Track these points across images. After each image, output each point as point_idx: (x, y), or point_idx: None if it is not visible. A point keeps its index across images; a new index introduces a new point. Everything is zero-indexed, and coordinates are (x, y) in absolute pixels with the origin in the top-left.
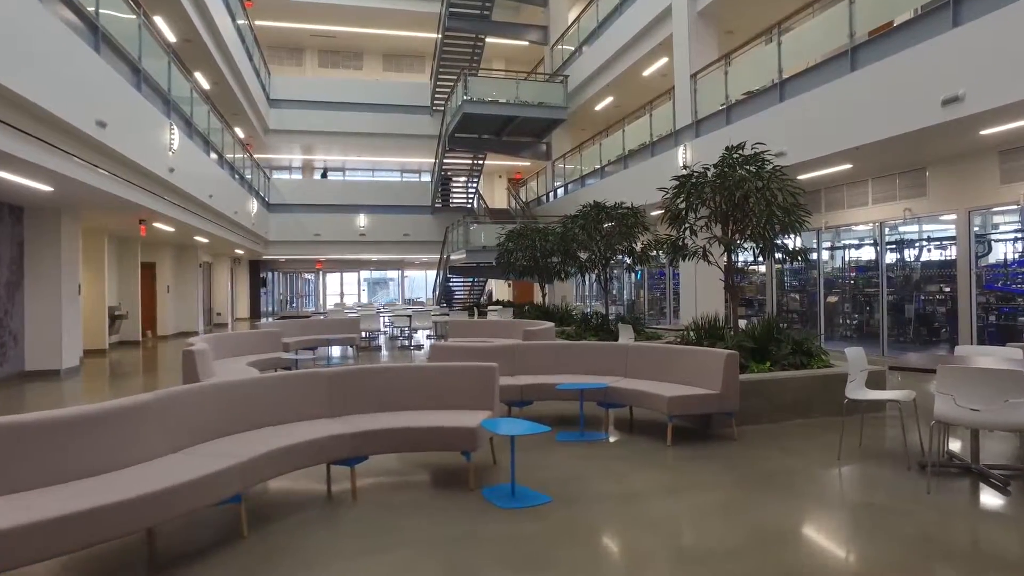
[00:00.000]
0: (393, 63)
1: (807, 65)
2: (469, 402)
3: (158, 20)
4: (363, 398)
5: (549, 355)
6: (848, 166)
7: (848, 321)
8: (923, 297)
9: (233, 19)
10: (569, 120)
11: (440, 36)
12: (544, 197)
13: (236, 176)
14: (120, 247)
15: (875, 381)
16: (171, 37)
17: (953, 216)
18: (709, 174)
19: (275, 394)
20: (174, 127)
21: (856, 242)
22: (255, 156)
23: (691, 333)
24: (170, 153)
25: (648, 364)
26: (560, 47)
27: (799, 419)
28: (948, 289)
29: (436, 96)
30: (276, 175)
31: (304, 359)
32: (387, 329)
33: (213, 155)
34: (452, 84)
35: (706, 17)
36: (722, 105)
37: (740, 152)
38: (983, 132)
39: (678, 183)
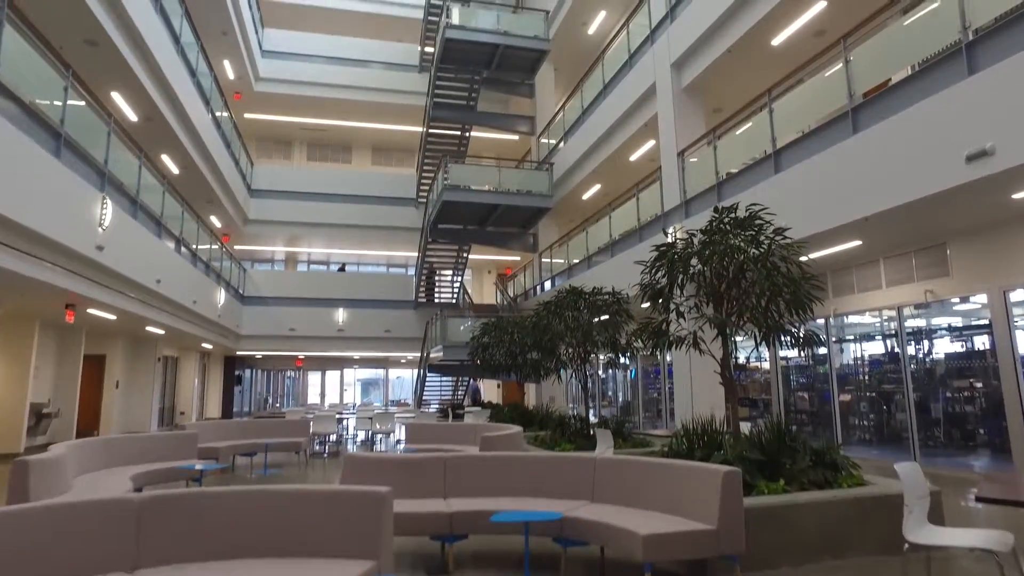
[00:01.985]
0: (382, 156)
1: (803, 131)
2: (343, 546)
3: (115, 96)
4: (189, 540)
5: (494, 470)
6: (857, 243)
7: (864, 423)
8: (950, 394)
9: (207, 104)
10: (556, 210)
11: (425, 128)
12: (532, 291)
13: (200, 264)
14: (60, 336)
15: (933, 507)
16: (132, 116)
17: (983, 297)
18: (695, 242)
19: (42, 533)
20: (108, 201)
21: (869, 331)
22: (235, 247)
23: (681, 441)
24: (100, 229)
25: (622, 484)
26: (546, 138)
27: (830, 559)
28: (980, 384)
29: (421, 187)
30: (258, 267)
31: (212, 468)
32: (354, 432)
33: (169, 240)
34: (435, 174)
35: (692, 93)
36: (713, 182)
37: (732, 215)
38: (1016, 196)
39: (658, 254)
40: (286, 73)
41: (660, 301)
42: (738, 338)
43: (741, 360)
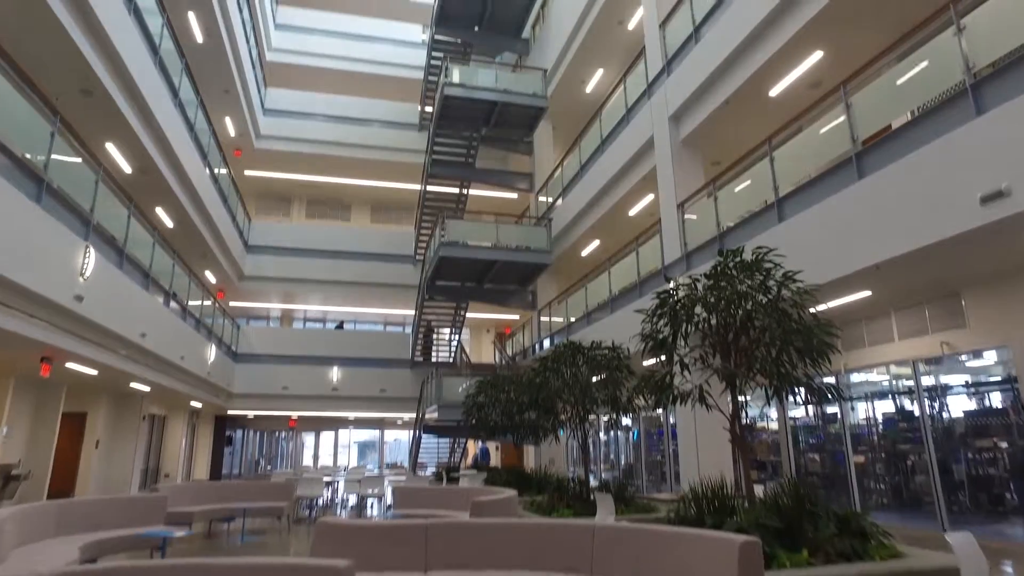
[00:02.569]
0: (381, 214)
1: (807, 178)
2: None
3: (109, 147)
4: None
5: (482, 539)
6: (866, 293)
7: (881, 486)
8: (972, 454)
9: (205, 158)
10: (555, 267)
11: (423, 185)
12: (530, 349)
13: (190, 319)
14: (38, 393)
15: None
16: (126, 167)
17: (1006, 349)
18: (699, 288)
19: None
20: (91, 251)
21: (882, 387)
22: (230, 303)
23: (690, 506)
24: (80, 279)
25: (625, 555)
26: (545, 195)
27: None
28: (1005, 444)
29: (419, 244)
30: (254, 324)
31: (173, 535)
32: (343, 496)
33: (158, 294)
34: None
35: (690, 146)
36: (714, 234)
37: (738, 259)
38: None
39: (659, 301)
40: (287, 131)
41: (663, 352)
42: (746, 396)
43: (751, 417)
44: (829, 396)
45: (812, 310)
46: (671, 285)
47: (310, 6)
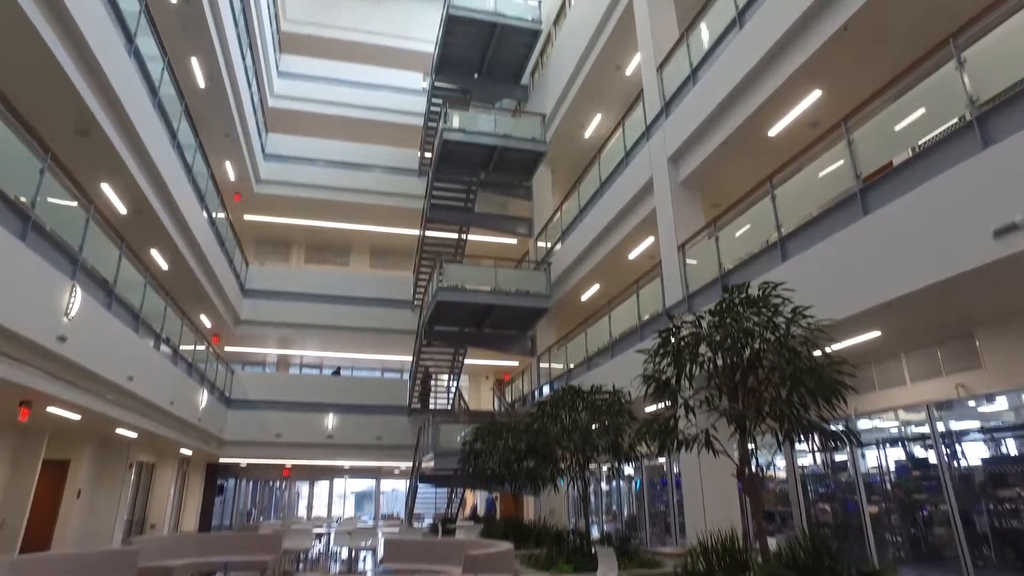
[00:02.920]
0: (380, 259)
1: (809, 216)
2: None
3: (104, 187)
4: None
5: None
6: (875, 334)
7: (898, 538)
8: (994, 505)
9: (202, 201)
10: (555, 312)
11: (422, 230)
12: (530, 396)
13: (182, 363)
14: (19, 439)
15: None
16: (121, 208)
17: None
18: (704, 324)
19: None
20: (78, 290)
21: (895, 433)
22: (225, 348)
23: (699, 560)
24: (65, 319)
25: None
26: (544, 240)
27: None
28: None
29: (417, 289)
30: (249, 369)
31: None
32: (334, 549)
33: (148, 337)
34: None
35: (690, 187)
36: (716, 275)
37: (744, 294)
38: None
39: (661, 340)
40: (288, 176)
41: (666, 395)
42: (755, 440)
43: (760, 464)
44: (844, 441)
45: (826, 349)
46: (675, 323)
47: (313, 55)
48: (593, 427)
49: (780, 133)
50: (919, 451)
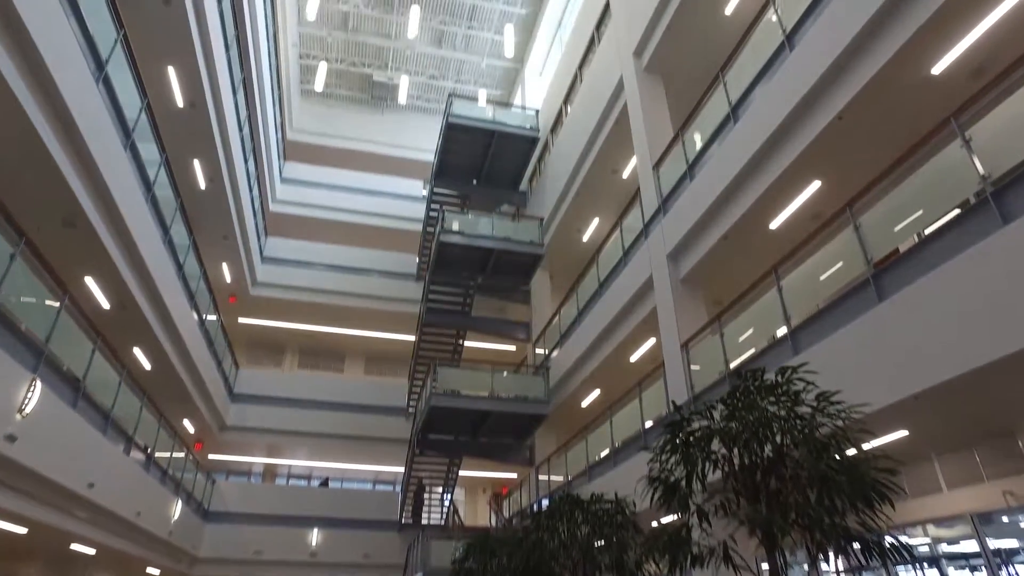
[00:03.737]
0: (375, 365)
1: (819, 307)
2: None
3: (88, 280)
4: None
5: None
6: (902, 434)
7: None
8: None
9: (192, 299)
10: (554, 420)
11: (418, 335)
12: (528, 509)
13: (155, 470)
14: None
15: None
16: (104, 302)
17: None
18: (716, 417)
19: None
20: (38, 384)
21: (932, 548)
22: (208, 456)
23: None
24: (18, 416)
25: None
26: (542, 346)
27: None
28: None
29: (412, 396)
30: (233, 479)
31: None
32: None
33: (119, 441)
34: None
35: (691, 284)
36: (722, 373)
37: (760, 380)
38: None
39: (669, 433)
40: (285, 279)
41: (676, 500)
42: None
43: None
44: (894, 557)
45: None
46: (682, 413)
47: (316, 162)
48: (596, 543)
49: (782, 226)
50: (963, 571)
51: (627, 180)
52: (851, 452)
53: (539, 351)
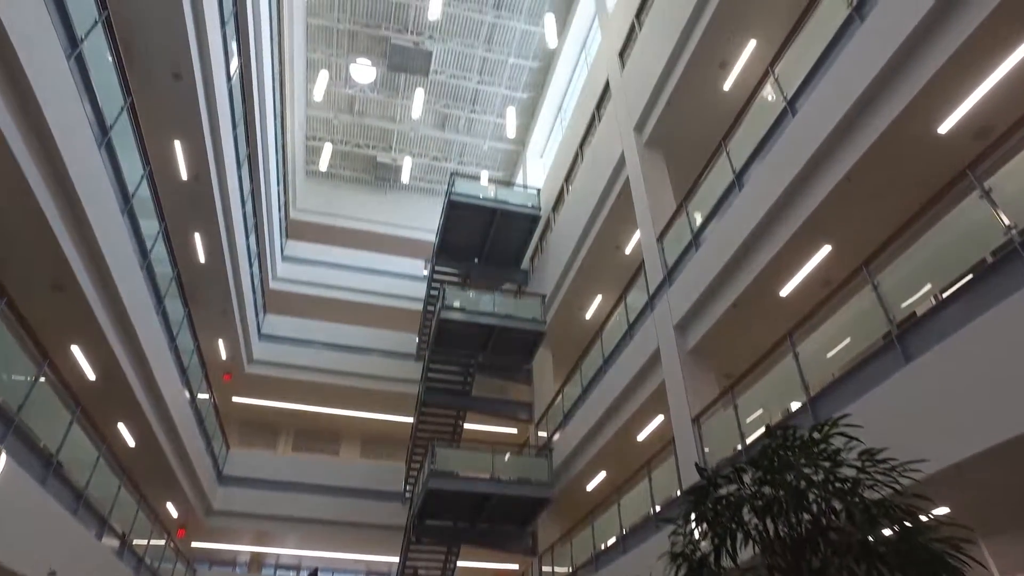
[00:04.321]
0: (372, 448)
1: (840, 372)
2: None
3: (75, 349)
4: None
5: None
6: (943, 511)
7: None
8: None
9: (184, 373)
10: (558, 504)
11: (416, 415)
12: None
13: (130, 557)
14: None
15: None
16: (89, 373)
17: None
18: (747, 481)
19: None
20: (2, 456)
21: None
22: (191, 543)
23: None
24: None
25: None
26: (544, 429)
27: None
28: None
29: (409, 479)
30: (216, 569)
31: None
32: None
33: (91, 523)
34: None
35: (700, 355)
36: (738, 447)
37: (796, 438)
38: None
39: (693, 498)
40: (282, 357)
41: None
42: None
43: None
44: None
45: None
46: (707, 475)
47: (318, 241)
48: None
49: (793, 293)
50: None
51: (630, 256)
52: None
53: (541, 434)
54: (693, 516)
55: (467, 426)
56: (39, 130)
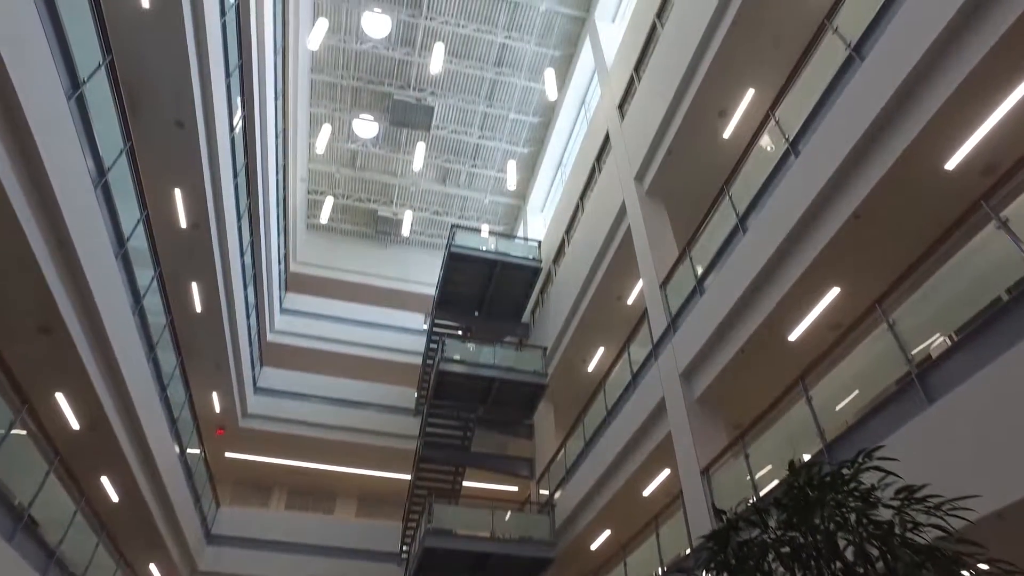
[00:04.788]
0: (368, 506)
1: (855, 417)
2: None
3: (59, 396)
4: None
5: None
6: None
7: None
8: None
9: (174, 424)
10: (561, 564)
11: (414, 471)
12: None
13: None
14: None
15: None
16: (73, 423)
17: None
18: (771, 524)
19: None
20: None
21: None
22: None
23: None
24: None
25: None
26: (547, 487)
27: None
28: None
29: (405, 538)
30: None
31: None
32: None
33: None
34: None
35: (707, 404)
36: (750, 500)
37: (823, 474)
38: None
39: (713, 544)
40: (278, 411)
41: None
42: None
43: None
44: None
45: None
46: (727, 518)
47: (318, 294)
48: None
49: (802, 337)
50: None
51: (632, 306)
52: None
53: (543, 492)
54: (712, 565)
55: (466, 484)
56: (33, 166)
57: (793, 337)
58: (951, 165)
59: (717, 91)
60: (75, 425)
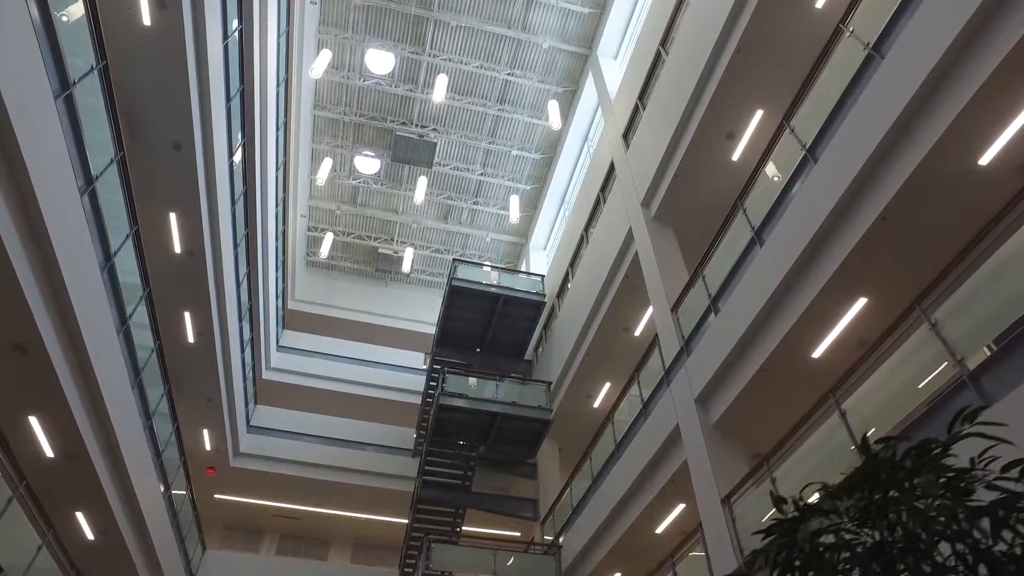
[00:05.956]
0: (363, 553)
1: (896, 427)
2: None
3: (32, 420)
4: None
5: None
6: None
7: None
8: None
9: (159, 457)
10: None
11: (412, 513)
12: None
13: None
14: None
15: None
16: (47, 450)
17: None
18: (845, 512)
19: None
20: None
21: None
22: None
23: None
24: None
25: None
26: (552, 528)
27: None
28: None
29: None
30: None
31: None
32: None
33: None
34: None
35: (726, 430)
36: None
37: (893, 450)
38: None
39: (777, 538)
40: (271, 450)
41: None
42: None
43: None
44: None
45: None
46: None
47: (316, 331)
48: None
49: (825, 355)
50: None
51: (639, 337)
52: None
53: (548, 537)
54: (776, 566)
55: (466, 528)
56: (13, 166)
57: (817, 354)
58: (985, 160)
59: (725, 114)
60: (49, 452)
